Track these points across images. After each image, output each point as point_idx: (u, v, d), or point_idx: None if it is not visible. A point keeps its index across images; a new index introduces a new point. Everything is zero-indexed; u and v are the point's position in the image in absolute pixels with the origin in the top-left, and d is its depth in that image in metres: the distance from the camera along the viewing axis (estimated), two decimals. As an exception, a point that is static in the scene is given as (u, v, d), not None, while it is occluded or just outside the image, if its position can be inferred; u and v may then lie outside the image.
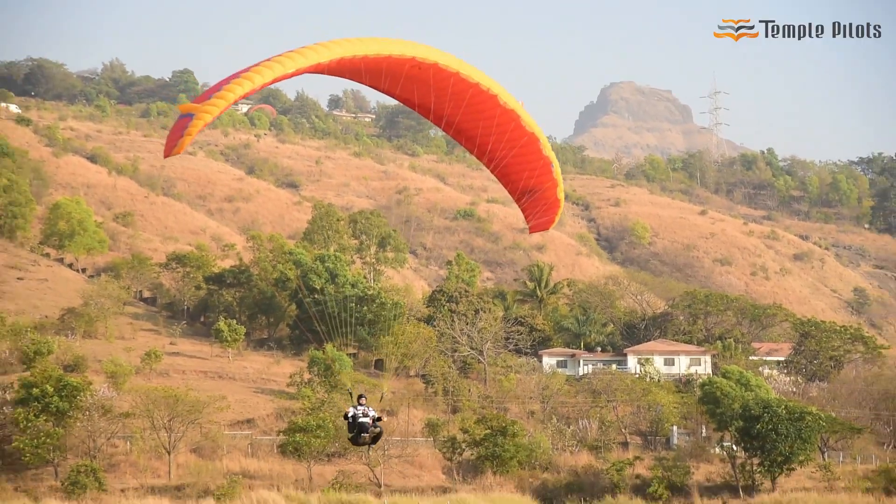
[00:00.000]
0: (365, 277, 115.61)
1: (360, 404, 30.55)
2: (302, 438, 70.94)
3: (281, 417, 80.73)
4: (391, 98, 27.87)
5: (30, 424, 67.21)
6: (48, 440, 67.05)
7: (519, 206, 29.64)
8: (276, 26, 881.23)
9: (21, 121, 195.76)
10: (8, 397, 72.06)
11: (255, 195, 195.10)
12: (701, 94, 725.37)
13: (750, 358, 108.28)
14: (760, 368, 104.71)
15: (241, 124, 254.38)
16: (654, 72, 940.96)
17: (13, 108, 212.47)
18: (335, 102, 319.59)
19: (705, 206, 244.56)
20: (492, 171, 28.49)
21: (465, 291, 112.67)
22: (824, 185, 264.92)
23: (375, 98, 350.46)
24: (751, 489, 73.74)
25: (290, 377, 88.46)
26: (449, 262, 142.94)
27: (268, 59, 23.93)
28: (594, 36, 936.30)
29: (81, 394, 69.43)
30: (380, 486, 71.03)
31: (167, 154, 22.71)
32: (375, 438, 30.47)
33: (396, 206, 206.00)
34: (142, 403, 71.56)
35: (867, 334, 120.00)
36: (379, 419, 30.45)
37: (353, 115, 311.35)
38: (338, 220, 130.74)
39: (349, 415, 30.20)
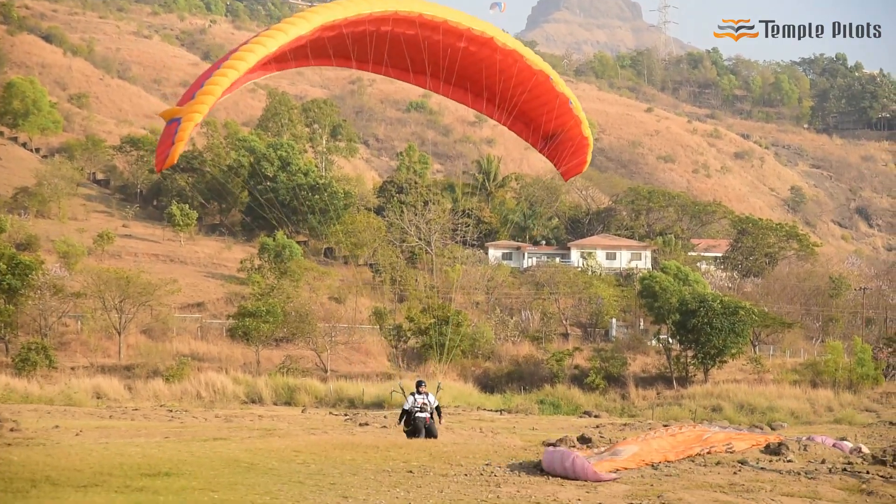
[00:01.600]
0: (317, 167, 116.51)
1: (420, 392, 28.12)
2: (251, 323, 72.04)
3: (231, 302, 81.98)
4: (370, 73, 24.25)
5: (-10, 298, 67.80)
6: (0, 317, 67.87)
7: (545, 155, 26.66)
8: None
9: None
10: (-38, 276, 72.43)
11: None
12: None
13: (689, 254, 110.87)
14: (698, 264, 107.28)
15: (197, 9, 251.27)
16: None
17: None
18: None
19: (651, 104, 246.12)
20: (506, 125, 25.54)
21: (415, 183, 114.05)
22: (767, 84, 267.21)
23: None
24: (684, 380, 75.94)
25: (241, 263, 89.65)
26: (400, 154, 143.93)
27: (251, 41, 21.60)
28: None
29: (34, 272, 69.78)
30: (326, 372, 72.63)
31: (160, 167, 20.51)
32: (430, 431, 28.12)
33: (350, 97, 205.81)
34: (93, 284, 72.31)
35: (802, 232, 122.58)
36: (439, 409, 28.24)
37: (309, 3, 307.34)
38: (291, 108, 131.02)
39: (406, 408, 27.98)
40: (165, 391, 62.87)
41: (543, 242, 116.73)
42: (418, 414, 27.96)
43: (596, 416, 61.48)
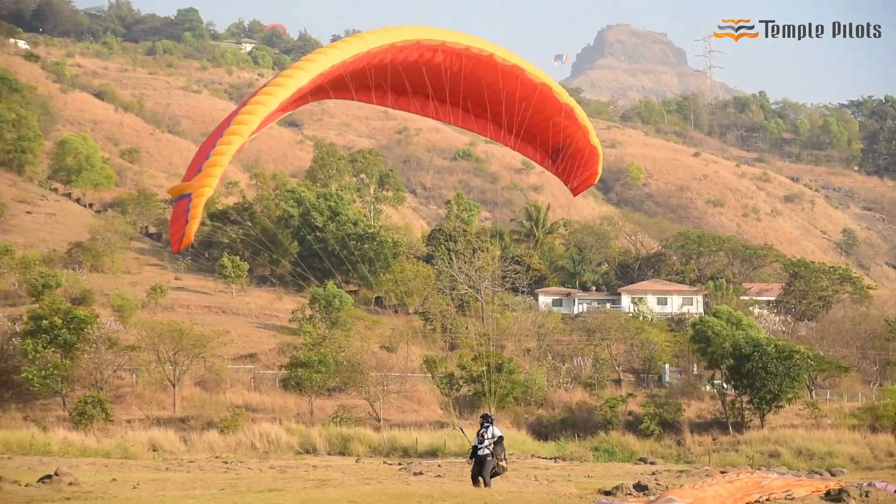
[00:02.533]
0: (365, 216, 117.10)
1: (484, 425, 27.33)
2: (303, 373, 72.35)
3: (283, 352, 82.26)
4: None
5: (38, 355, 68.52)
6: (56, 371, 68.37)
7: (554, 173, 25.61)
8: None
9: (29, 57, 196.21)
10: (17, 329, 73.38)
11: (259, 134, 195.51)
12: (695, 38, 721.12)
13: (741, 298, 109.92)
14: (751, 308, 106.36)
15: (245, 63, 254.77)
16: (650, 14, 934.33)
17: (22, 45, 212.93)
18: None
19: (699, 148, 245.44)
20: (514, 146, 24.64)
21: (464, 231, 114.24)
22: (815, 127, 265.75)
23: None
24: (740, 426, 75.26)
25: (292, 313, 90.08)
26: (448, 202, 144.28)
27: (255, 94, 21.16)
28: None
29: (88, 326, 70.67)
30: (379, 421, 72.63)
31: (177, 248, 19.95)
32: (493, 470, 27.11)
33: (397, 146, 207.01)
34: (147, 337, 72.94)
35: (855, 275, 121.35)
36: (500, 440, 27.15)
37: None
38: (339, 158, 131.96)
39: (475, 444, 27.32)
40: (220, 442, 63.11)
41: (593, 288, 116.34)
42: (481, 452, 27.09)
43: (651, 463, 60.94)
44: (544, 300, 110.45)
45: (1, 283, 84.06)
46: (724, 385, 78.16)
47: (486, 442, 27.06)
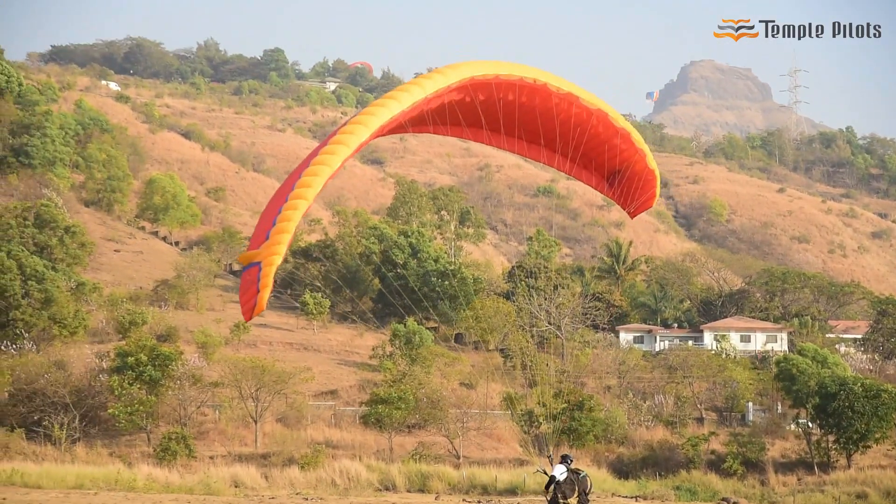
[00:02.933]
0: (446, 253, 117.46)
1: (568, 466, 27.94)
2: (383, 410, 72.48)
3: (363, 389, 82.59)
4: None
5: (124, 392, 69.50)
6: (141, 407, 69.35)
7: (612, 198, 25.88)
8: (368, 4, 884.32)
9: (120, 98, 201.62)
10: (104, 365, 74.55)
11: (341, 171, 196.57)
12: (780, 73, 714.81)
13: (827, 335, 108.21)
14: (837, 346, 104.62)
15: (329, 102, 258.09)
16: (734, 50, 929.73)
17: (113, 86, 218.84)
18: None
19: (783, 184, 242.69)
20: (571, 172, 24.97)
21: (544, 267, 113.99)
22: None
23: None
24: (826, 466, 74.06)
25: (373, 350, 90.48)
26: (529, 238, 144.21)
27: (326, 143, 21.16)
28: (675, 13, 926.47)
29: (173, 363, 71.67)
30: (458, 458, 72.55)
31: (249, 317, 19.73)
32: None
33: (478, 183, 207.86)
34: (230, 373, 73.69)
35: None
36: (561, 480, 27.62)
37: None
38: (420, 195, 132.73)
39: (555, 475, 27.86)
40: (301, 479, 63.51)
41: (675, 325, 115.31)
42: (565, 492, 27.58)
43: (734, 503, 60.14)
44: (625, 337, 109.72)
45: (89, 320, 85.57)
46: (810, 424, 76.92)
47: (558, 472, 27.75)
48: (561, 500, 27.80)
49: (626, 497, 61.77)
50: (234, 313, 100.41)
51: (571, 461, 28.36)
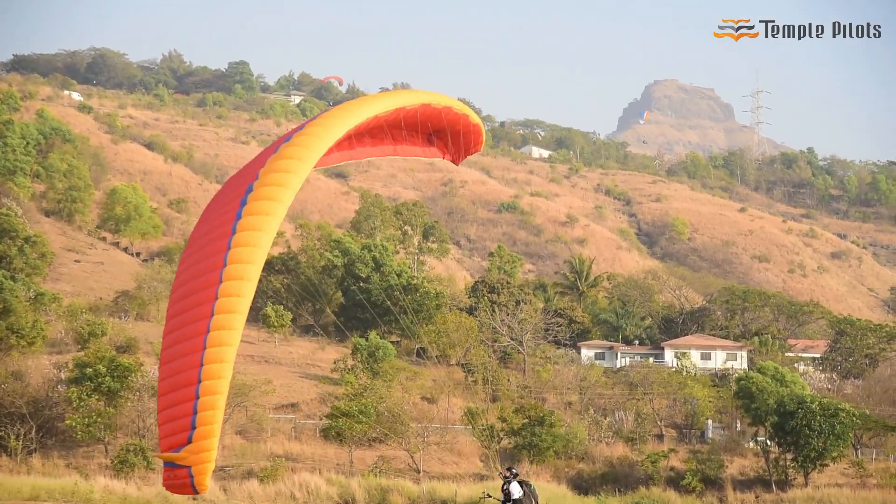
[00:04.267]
0: (409, 267, 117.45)
1: (507, 478, 28.09)
2: (344, 423, 72.18)
3: (324, 402, 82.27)
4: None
5: (82, 403, 68.71)
6: (99, 419, 68.47)
7: (433, 154, 24.83)
8: (331, 19, 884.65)
9: (83, 108, 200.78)
10: (63, 376, 73.86)
11: (305, 184, 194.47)
12: (743, 93, 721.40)
13: (786, 354, 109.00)
14: (796, 365, 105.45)
15: (294, 115, 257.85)
16: (697, 70, 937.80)
17: (75, 96, 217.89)
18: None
19: (745, 204, 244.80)
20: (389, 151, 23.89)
21: (507, 283, 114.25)
22: (863, 184, 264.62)
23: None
24: (783, 484, 74.48)
25: (335, 363, 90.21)
26: (491, 254, 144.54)
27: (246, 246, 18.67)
28: (638, 33, 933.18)
29: (133, 374, 70.90)
30: (419, 472, 72.41)
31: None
32: None
33: (441, 198, 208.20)
34: (191, 385, 73.06)
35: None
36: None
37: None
38: (384, 210, 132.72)
39: (517, 497, 27.90)
40: (260, 492, 63.13)
41: (637, 342, 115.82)
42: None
43: (693, 520, 60.38)
44: (587, 353, 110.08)
45: (48, 330, 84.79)
46: (768, 442, 77.38)
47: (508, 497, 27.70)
48: None
49: (586, 513, 61.91)
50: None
51: (517, 474, 28.30)
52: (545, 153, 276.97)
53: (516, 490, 27.81)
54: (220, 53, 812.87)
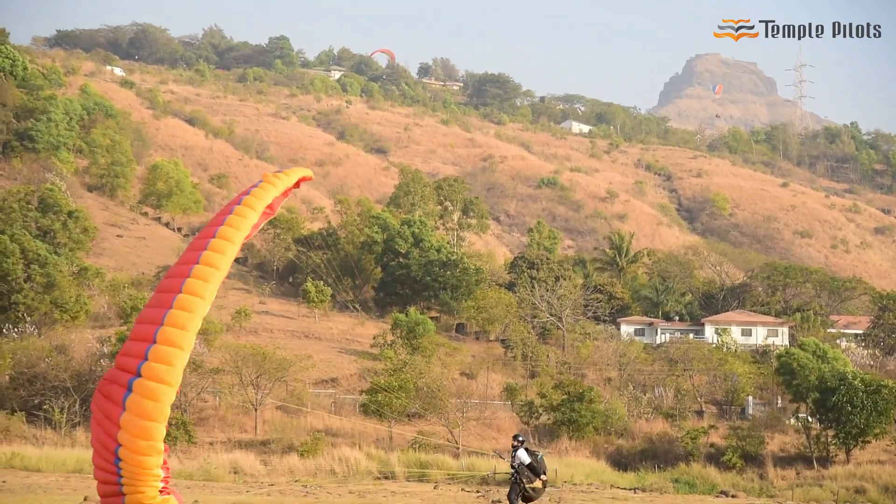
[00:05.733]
0: (449, 243, 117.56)
1: (513, 446, 28.22)
2: (384, 398, 72.43)
3: (364, 377, 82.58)
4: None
5: (126, 377, 69.29)
6: (142, 392, 69.09)
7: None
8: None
9: (125, 83, 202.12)
10: (106, 350, 74.49)
11: (345, 160, 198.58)
12: (786, 67, 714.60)
13: (828, 330, 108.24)
14: (838, 341, 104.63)
15: (334, 90, 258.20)
16: (740, 44, 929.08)
17: (118, 72, 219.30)
18: (425, 70, 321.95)
19: (787, 179, 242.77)
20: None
21: (546, 258, 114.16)
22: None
23: (464, 67, 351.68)
24: (825, 461, 73.98)
25: (374, 338, 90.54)
26: (531, 230, 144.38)
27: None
28: (681, 6, 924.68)
29: (175, 349, 71.39)
30: (458, 447, 72.58)
31: None
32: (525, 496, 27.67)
33: (481, 174, 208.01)
34: (231, 360, 73.58)
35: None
36: (530, 467, 27.66)
37: (442, 83, 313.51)
38: (424, 185, 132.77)
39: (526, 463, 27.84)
40: (300, 466, 63.53)
41: (677, 318, 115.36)
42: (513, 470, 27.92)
43: (733, 496, 60.23)
44: (626, 329, 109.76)
45: (91, 305, 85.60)
46: (809, 419, 76.88)
47: (514, 465, 27.89)
48: (527, 484, 27.66)
49: (625, 489, 61.76)
50: (236, 300, 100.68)
51: (524, 440, 28.38)
52: (585, 128, 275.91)
53: (525, 456, 27.85)
54: (261, 29, 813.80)
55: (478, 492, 52.11)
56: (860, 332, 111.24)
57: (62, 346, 74.98)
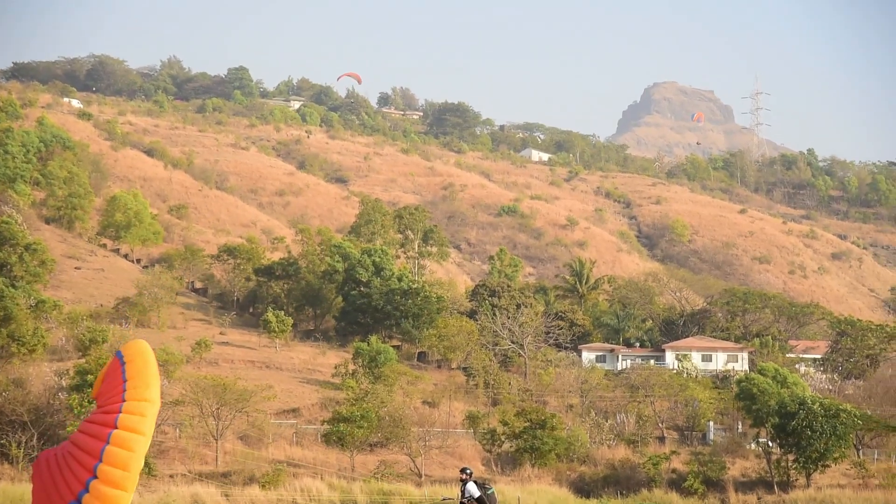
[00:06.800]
0: (410, 271, 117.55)
1: (462, 479, 28.02)
2: (345, 428, 72.15)
3: (325, 407, 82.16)
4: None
5: (84, 410, 68.44)
6: (102, 426, 68.38)
7: None
8: (332, 24, 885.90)
9: (82, 115, 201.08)
10: (64, 383, 73.67)
11: (305, 189, 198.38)
12: (743, 95, 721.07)
13: (787, 355, 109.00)
14: (797, 366, 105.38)
15: (293, 120, 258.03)
16: (697, 72, 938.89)
17: (75, 103, 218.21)
18: (384, 100, 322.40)
19: (745, 205, 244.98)
20: None
21: (507, 286, 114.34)
22: (863, 185, 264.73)
23: (423, 96, 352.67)
24: (786, 485, 74.31)
25: (335, 368, 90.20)
26: (491, 258, 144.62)
27: None
28: (638, 36, 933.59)
29: (134, 381, 70.73)
30: (420, 476, 72.37)
31: None
32: None
33: (442, 202, 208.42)
34: (191, 391, 72.91)
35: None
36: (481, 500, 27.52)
37: (402, 112, 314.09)
38: (384, 214, 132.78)
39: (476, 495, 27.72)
40: (262, 498, 63.04)
41: (637, 345, 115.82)
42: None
43: (694, 522, 60.32)
44: (588, 356, 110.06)
45: (49, 338, 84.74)
46: (770, 443, 77.25)
47: (464, 499, 27.62)
48: None
49: (588, 516, 61.83)
50: (196, 331, 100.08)
51: (472, 473, 28.15)
52: (545, 156, 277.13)
53: (475, 490, 27.65)
54: (220, 59, 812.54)
55: (440, 520, 51.89)
56: (819, 356, 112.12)
57: (19, 379, 73.95)
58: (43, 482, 17.01)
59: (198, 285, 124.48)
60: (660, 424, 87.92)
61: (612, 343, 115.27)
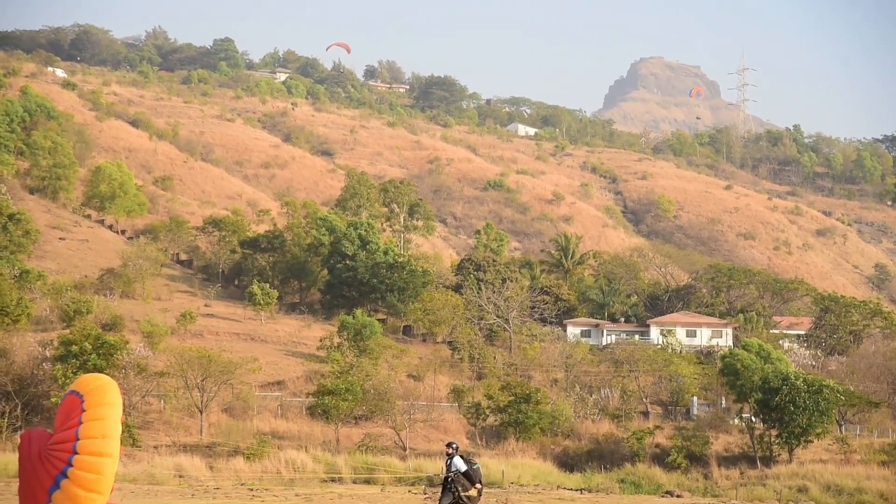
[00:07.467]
0: (395, 245, 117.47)
1: (448, 453, 27.57)
2: (330, 401, 72.19)
3: (310, 380, 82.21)
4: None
5: (68, 381, 68.34)
6: (86, 396, 68.17)
7: None
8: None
9: (67, 85, 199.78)
10: (48, 354, 73.46)
11: (291, 162, 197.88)
12: (729, 71, 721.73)
13: (771, 331, 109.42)
14: (781, 342, 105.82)
15: (279, 93, 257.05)
16: (684, 47, 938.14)
17: (59, 73, 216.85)
18: (371, 73, 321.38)
19: (731, 181, 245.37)
20: None
21: (493, 261, 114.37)
22: (848, 161, 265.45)
23: (410, 69, 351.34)
24: (768, 460, 74.63)
25: (321, 341, 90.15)
26: (477, 232, 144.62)
27: None
28: (625, 10, 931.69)
29: (118, 352, 70.53)
30: (405, 449, 72.47)
31: None
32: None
33: (428, 176, 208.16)
34: (176, 363, 72.81)
35: (886, 309, 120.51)
36: (467, 475, 27.21)
37: (388, 86, 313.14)
38: (370, 187, 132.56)
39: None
40: (246, 470, 63.03)
41: (622, 320, 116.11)
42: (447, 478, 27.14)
43: (678, 496, 60.58)
44: (573, 331, 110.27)
45: (33, 308, 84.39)
46: (753, 418, 77.56)
47: (450, 473, 27.27)
48: (462, 493, 27.20)
49: (571, 490, 61.92)
50: (181, 303, 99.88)
51: (458, 447, 27.85)
52: (531, 131, 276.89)
53: (461, 464, 27.36)
54: (205, 30, 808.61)
55: (424, 493, 52.03)
56: (802, 332, 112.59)
57: (3, 349, 73.81)
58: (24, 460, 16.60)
59: (183, 257, 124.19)
60: (644, 399, 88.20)
61: (597, 318, 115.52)
